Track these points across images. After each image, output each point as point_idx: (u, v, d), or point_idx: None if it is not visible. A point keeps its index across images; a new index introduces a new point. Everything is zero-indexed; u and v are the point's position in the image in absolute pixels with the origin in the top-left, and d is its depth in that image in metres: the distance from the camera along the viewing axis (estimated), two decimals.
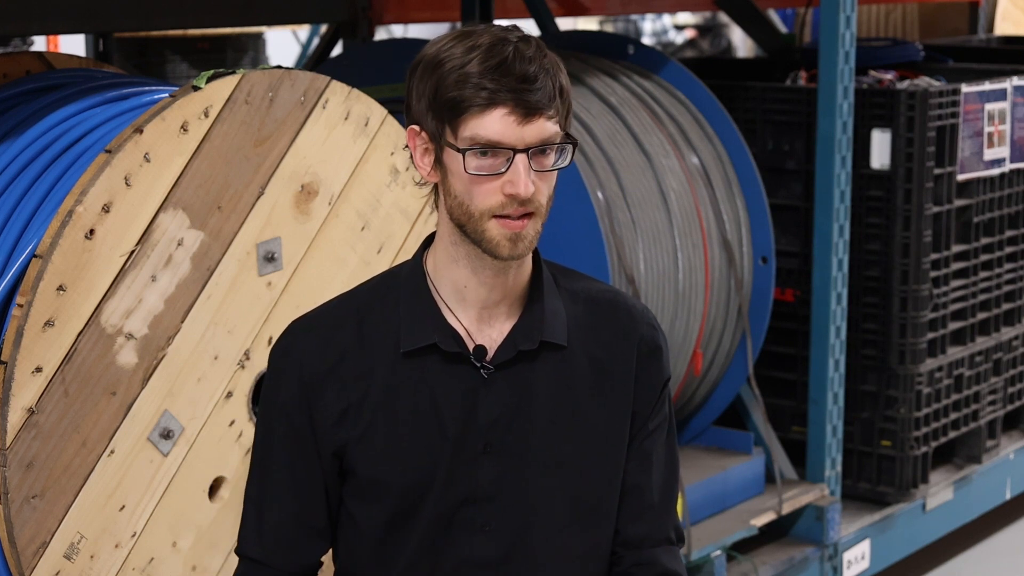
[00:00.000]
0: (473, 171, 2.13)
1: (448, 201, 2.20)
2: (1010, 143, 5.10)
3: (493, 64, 2.11)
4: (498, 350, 2.26)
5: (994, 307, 5.19)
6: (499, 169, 2.14)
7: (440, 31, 12.36)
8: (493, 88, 2.11)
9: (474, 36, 2.15)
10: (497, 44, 2.13)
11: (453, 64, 2.13)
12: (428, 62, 2.16)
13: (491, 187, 2.15)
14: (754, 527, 4.38)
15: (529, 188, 2.13)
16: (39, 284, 2.54)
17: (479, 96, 2.11)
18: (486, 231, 2.17)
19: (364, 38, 5.50)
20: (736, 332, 4.55)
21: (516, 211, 2.15)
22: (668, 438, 2.40)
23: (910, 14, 8.23)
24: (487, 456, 2.26)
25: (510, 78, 2.11)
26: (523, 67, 2.12)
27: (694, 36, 14.12)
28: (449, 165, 2.18)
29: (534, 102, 2.12)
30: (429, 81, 2.15)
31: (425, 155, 2.22)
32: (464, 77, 2.12)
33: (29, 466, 2.55)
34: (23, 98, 3.05)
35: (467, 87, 2.11)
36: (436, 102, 2.14)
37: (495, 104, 2.12)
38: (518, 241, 2.17)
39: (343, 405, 2.27)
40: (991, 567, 5.31)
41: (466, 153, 2.13)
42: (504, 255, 2.18)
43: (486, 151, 2.13)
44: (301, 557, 2.35)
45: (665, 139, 4.43)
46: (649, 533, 2.37)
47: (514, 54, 2.12)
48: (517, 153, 2.13)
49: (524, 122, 2.13)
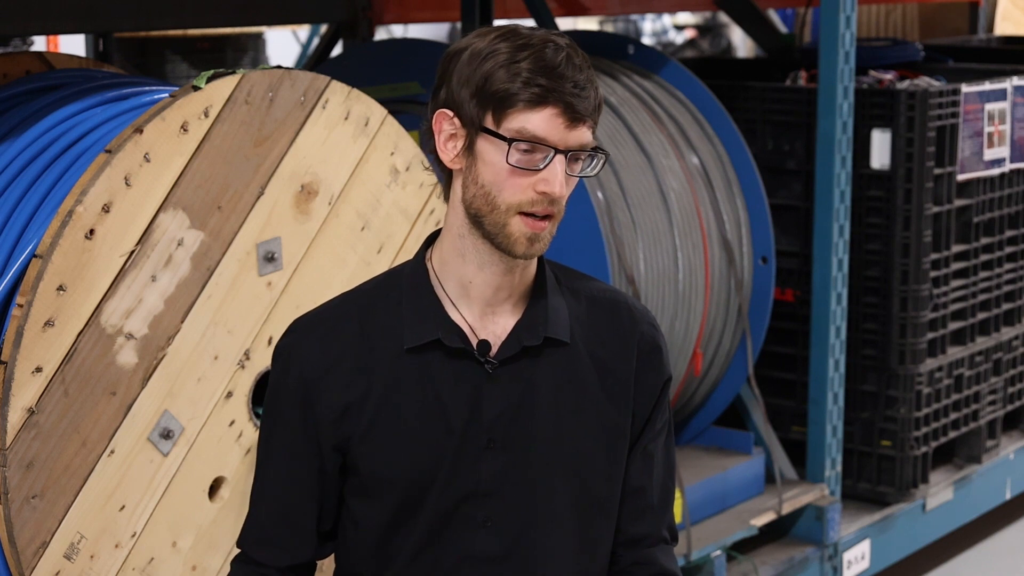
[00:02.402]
0: (514, 163, 2.16)
1: (471, 190, 2.20)
2: (1010, 143, 5.10)
3: (547, 65, 2.15)
4: (502, 346, 2.27)
5: (994, 307, 5.19)
6: (537, 165, 2.16)
7: (440, 31, 12.33)
8: (547, 87, 2.14)
9: (523, 36, 2.18)
10: (548, 46, 2.16)
11: (505, 58, 2.15)
12: (476, 52, 2.18)
13: (523, 183, 2.17)
14: (754, 527, 4.38)
15: (563, 189, 2.17)
16: (39, 284, 2.54)
17: (532, 91, 2.14)
18: (507, 225, 2.18)
19: (364, 38, 5.49)
20: (736, 332, 4.55)
21: (543, 210, 2.18)
22: (667, 439, 2.42)
23: (910, 14, 8.22)
24: (490, 451, 2.27)
25: (564, 81, 2.15)
26: (575, 73, 2.16)
27: (694, 36, 14.10)
28: (483, 154, 2.19)
29: (582, 108, 2.16)
30: (478, 69, 2.17)
31: (451, 140, 2.22)
32: (517, 72, 2.14)
33: (29, 466, 2.55)
34: (23, 98, 3.05)
35: (519, 80, 2.14)
36: (484, 90, 2.16)
37: (547, 103, 2.15)
38: (536, 241, 2.19)
39: (345, 402, 2.27)
40: (991, 567, 5.31)
41: (512, 144, 2.15)
42: (520, 253, 2.20)
43: (528, 146, 2.15)
44: (289, 555, 2.36)
45: (665, 139, 4.43)
46: (648, 532, 2.39)
47: (567, 59, 2.16)
48: (557, 153, 2.16)
49: (570, 126, 2.16)
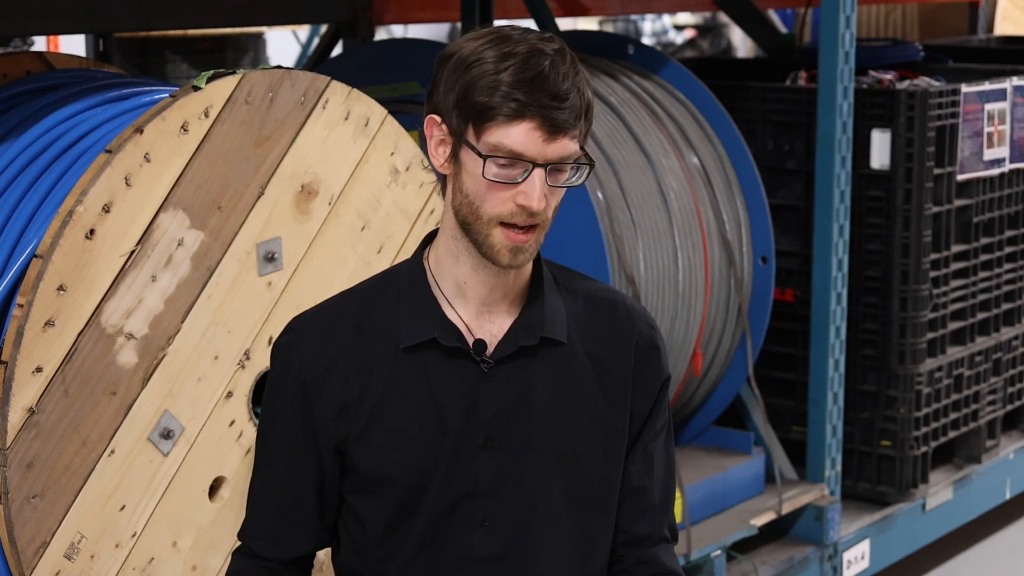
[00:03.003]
0: (491, 177, 2.14)
1: (458, 197, 2.20)
2: (1010, 143, 5.10)
3: (528, 76, 2.11)
4: (498, 345, 2.27)
5: (994, 307, 5.19)
6: (516, 179, 2.14)
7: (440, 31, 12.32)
8: (524, 101, 2.11)
9: (511, 43, 2.14)
10: (534, 55, 2.12)
11: (487, 68, 2.12)
12: (462, 59, 2.15)
13: (504, 195, 2.15)
14: (754, 527, 4.38)
15: (542, 202, 2.14)
16: (39, 284, 2.54)
17: (508, 106, 2.11)
18: (490, 236, 2.17)
19: (364, 38, 5.49)
20: (736, 332, 4.55)
21: (524, 221, 2.16)
22: (667, 439, 2.42)
23: (910, 14, 8.22)
24: (487, 451, 2.27)
25: (542, 94, 2.11)
26: (556, 84, 2.12)
27: (694, 36, 14.11)
28: (465, 164, 2.18)
29: (561, 121, 2.13)
30: (461, 79, 2.14)
31: (440, 146, 2.22)
32: (496, 84, 2.11)
33: (29, 466, 2.55)
34: (23, 98, 3.05)
35: (497, 95, 2.11)
36: (464, 102, 2.14)
37: (523, 117, 2.12)
38: (519, 252, 2.18)
39: (342, 401, 2.28)
40: (991, 567, 5.31)
41: (487, 159, 2.13)
42: (504, 263, 2.19)
43: (506, 160, 2.13)
44: (291, 549, 2.37)
45: (665, 139, 4.43)
46: (650, 532, 2.39)
47: (549, 68, 2.12)
48: (536, 167, 2.14)
49: (549, 140, 2.13)
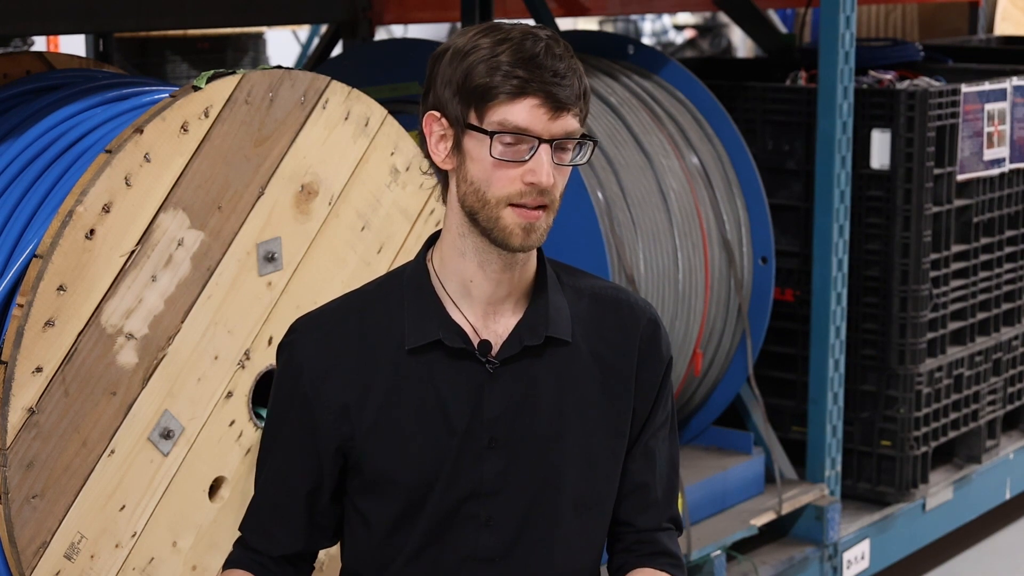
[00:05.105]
0: (498, 156, 2.15)
1: (463, 188, 2.21)
2: (1010, 143, 5.10)
3: (526, 56, 2.15)
4: (503, 345, 2.27)
5: (994, 307, 5.19)
6: (523, 156, 2.16)
7: (440, 31, 12.34)
8: (526, 78, 2.14)
9: (504, 30, 2.18)
10: (528, 38, 2.17)
11: (485, 53, 2.16)
12: (457, 50, 2.19)
13: (511, 175, 2.16)
14: (754, 527, 4.38)
15: (551, 178, 2.16)
16: (39, 284, 2.54)
17: (511, 83, 2.14)
18: (500, 219, 2.18)
19: (364, 38, 5.49)
20: (736, 332, 4.55)
21: (533, 200, 2.17)
22: (671, 434, 2.42)
23: (910, 14, 8.22)
24: (492, 451, 2.27)
25: (543, 71, 2.15)
26: (554, 63, 2.16)
27: (694, 36, 14.10)
28: (470, 151, 2.19)
29: (563, 97, 2.15)
30: (459, 67, 2.17)
31: (441, 141, 2.23)
32: (496, 65, 2.15)
33: (29, 466, 2.55)
34: (23, 98, 3.05)
35: (498, 74, 2.14)
36: (465, 87, 2.16)
37: (526, 94, 2.14)
38: (531, 232, 2.18)
39: (344, 402, 2.28)
40: (991, 567, 5.31)
41: (494, 137, 2.15)
42: (516, 244, 2.19)
43: (512, 138, 2.15)
44: (280, 546, 2.38)
45: (665, 139, 4.43)
46: (652, 526, 2.40)
47: (546, 50, 2.16)
48: (542, 143, 2.15)
49: (553, 115, 2.16)
